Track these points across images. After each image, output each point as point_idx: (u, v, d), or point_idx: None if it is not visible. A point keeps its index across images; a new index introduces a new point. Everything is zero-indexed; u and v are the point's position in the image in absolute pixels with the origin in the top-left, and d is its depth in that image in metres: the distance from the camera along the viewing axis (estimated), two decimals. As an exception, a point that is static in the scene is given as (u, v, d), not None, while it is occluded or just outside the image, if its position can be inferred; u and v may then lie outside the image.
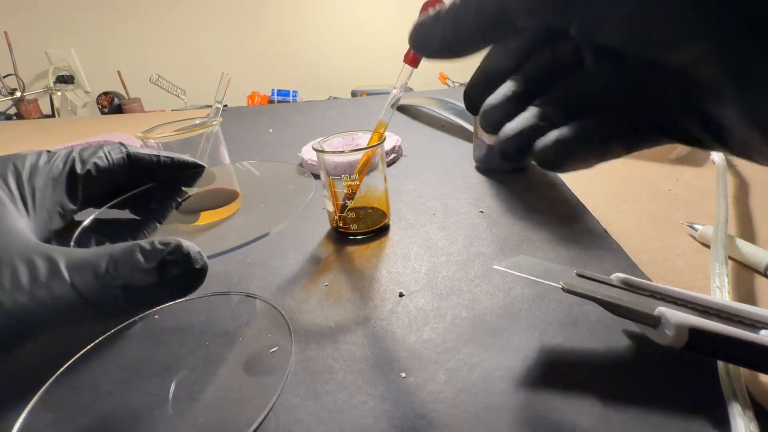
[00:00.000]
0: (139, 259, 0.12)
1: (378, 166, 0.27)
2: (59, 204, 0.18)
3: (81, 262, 0.12)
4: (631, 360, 0.17)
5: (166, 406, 0.16)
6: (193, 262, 0.13)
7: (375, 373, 0.17)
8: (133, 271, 0.12)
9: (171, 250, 0.13)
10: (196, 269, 0.13)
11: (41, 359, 0.19)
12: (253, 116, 0.70)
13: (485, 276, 0.23)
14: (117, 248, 0.13)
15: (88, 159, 0.19)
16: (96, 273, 0.12)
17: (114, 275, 0.12)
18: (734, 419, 0.14)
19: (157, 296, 0.13)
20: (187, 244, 0.13)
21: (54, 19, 1.35)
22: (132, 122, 0.75)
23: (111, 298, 0.12)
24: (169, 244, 0.13)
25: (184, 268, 0.13)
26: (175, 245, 0.13)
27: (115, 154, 0.20)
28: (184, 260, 0.13)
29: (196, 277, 0.13)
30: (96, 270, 0.12)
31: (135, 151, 0.21)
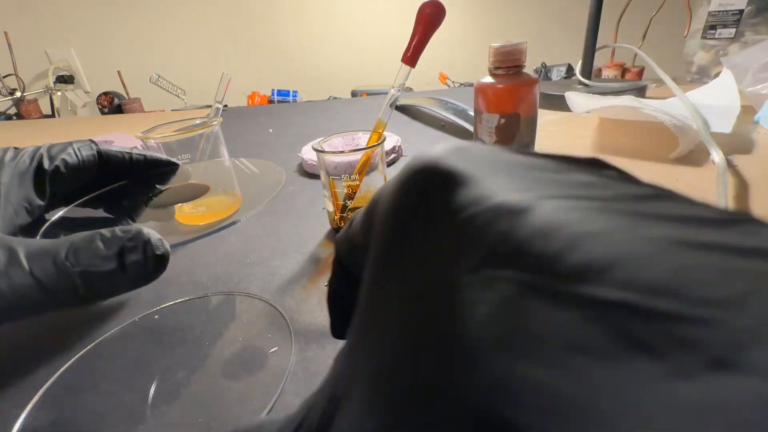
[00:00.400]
0: (99, 246, 0.12)
1: (378, 166, 0.27)
2: (25, 199, 0.18)
3: (40, 250, 0.12)
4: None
5: (166, 406, 0.16)
6: (154, 248, 0.13)
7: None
8: (92, 258, 0.12)
9: (131, 236, 0.13)
10: (157, 255, 0.13)
11: (41, 359, 0.19)
12: (253, 116, 0.70)
13: (484, 276, 0.23)
14: (77, 236, 0.13)
15: (57, 155, 0.19)
16: (55, 261, 0.12)
17: (73, 262, 0.12)
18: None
19: (118, 283, 0.13)
20: (147, 231, 0.13)
21: (54, 19, 1.36)
22: (132, 122, 0.75)
23: (70, 285, 0.12)
24: (129, 231, 0.13)
25: (144, 254, 0.13)
26: (135, 232, 0.13)
27: (85, 151, 0.20)
28: (144, 246, 0.13)
29: (157, 264, 0.13)
30: (55, 258, 0.12)
31: (106, 149, 0.21)
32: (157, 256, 0.13)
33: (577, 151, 0.42)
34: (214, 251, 0.28)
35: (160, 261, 0.13)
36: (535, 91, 0.33)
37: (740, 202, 0.30)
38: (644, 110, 0.39)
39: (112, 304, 0.23)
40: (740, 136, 0.41)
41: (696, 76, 0.67)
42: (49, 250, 0.12)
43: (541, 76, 1.14)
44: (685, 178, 0.34)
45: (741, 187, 0.32)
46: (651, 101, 0.44)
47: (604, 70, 0.91)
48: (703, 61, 0.65)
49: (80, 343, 0.20)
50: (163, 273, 0.13)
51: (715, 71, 0.62)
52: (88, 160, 0.20)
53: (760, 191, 0.31)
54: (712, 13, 0.61)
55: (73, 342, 0.20)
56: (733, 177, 0.33)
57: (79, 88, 1.42)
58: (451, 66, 1.42)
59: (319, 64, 1.51)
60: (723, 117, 0.40)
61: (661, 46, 0.79)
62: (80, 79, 1.43)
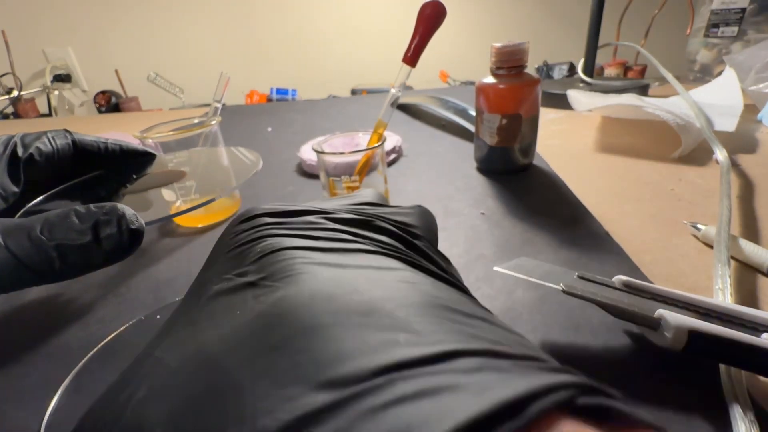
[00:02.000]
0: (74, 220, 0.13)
1: (378, 166, 0.27)
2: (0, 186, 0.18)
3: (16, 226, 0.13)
4: (632, 363, 0.17)
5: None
6: (129, 222, 0.13)
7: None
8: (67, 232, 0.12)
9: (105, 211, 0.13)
10: (132, 229, 0.13)
11: (43, 365, 0.19)
12: (252, 115, 0.70)
13: (486, 279, 0.23)
14: (52, 213, 0.13)
15: (31, 143, 0.19)
16: (30, 235, 0.12)
17: (48, 236, 0.12)
18: (735, 422, 0.14)
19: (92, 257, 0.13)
20: (122, 207, 0.13)
21: (51, 17, 1.35)
22: (130, 121, 0.75)
23: (46, 259, 0.12)
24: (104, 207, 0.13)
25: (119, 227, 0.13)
26: (110, 207, 0.13)
27: (60, 140, 0.20)
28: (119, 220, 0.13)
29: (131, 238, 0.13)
30: (30, 232, 0.12)
31: (80, 138, 0.21)
32: (131, 230, 0.13)
33: (580, 150, 0.42)
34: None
35: (134, 235, 0.13)
36: (537, 91, 0.33)
37: (744, 201, 0.29)
38: (647, 109, 0.39)
39: (111, 305, 0.23)
40: (743, 134, 0.41)
41: (698, 74, 0.66)
42: (24, 226, 0.13)
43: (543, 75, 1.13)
44: (688, 177, 0.34)
45: (745, 186, 0.32)
46: (653, 100, 0.44)
47: (607, 69, 0.90)
48: (706, 59, 0.65)
49: (80, 345, 0.20)
50: (138, 247, 0.14)
51: (717, 70, 0.62)
52: (62, 149, 0.20)
53: (764, 190, 0.31)
54: (714, 12, 0.60)
55: (72, 344, 0.20)
56: (736, 176, 0.33)
57: (76, 86, 1.41)
58: (451, 64, 1.41)
59: (318, 62, 1.50)
60: (726, 116, 0.40)
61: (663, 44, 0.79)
62: (77, 77, 1.43)
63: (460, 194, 0.33)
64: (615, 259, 0.24)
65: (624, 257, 0.24)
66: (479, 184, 0.35)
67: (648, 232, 0.26)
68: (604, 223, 0.27)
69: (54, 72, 1.34)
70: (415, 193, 0.34)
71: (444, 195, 0.33)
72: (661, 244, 0.25)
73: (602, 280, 0.18)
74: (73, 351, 0.20)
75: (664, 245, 0.25)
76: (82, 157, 0.21)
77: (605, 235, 0.26)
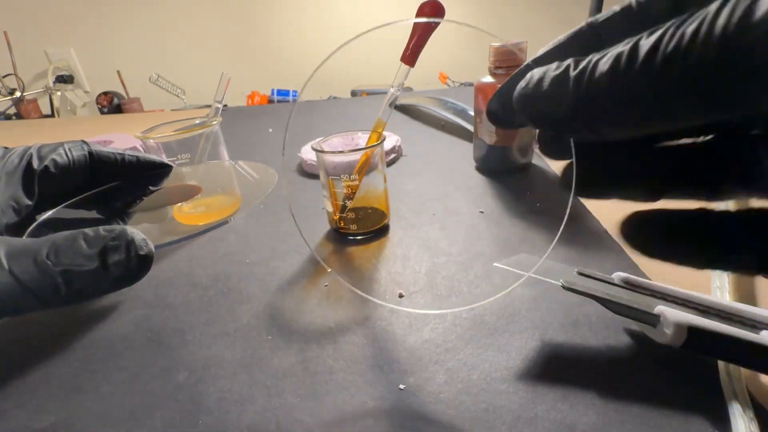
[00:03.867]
0: (82, 245, 0.12)
1: (377, 166, 0.27)
2: (13, 198, 0.18)
3: (21, 249, 0.12)
4: (631, 360, 0.17)
5: (165, 408, 0.16)
6: (137, 248, 0.13)
7: (375, 373, 0.17)
8: (74, 257, 0.12)
9: (114, 236, 0.13)
10: (141, 255, 0.13)
11: (41, 362, 0.19)
12: (253, 116, 0.70)
13: (485, 276, 0.23)
14: (60, 235, 0.13)
15: (47, 155, 0.19)
16: (36, 260, 0.12)
17: (55, 261, 0.12)
18: (734, 419, 0.14)
19: (100, 283, 0.12)
20: (131, 231, 0.13)
21: (53, 18, 1.35)
22: (131, 122, 0.75)
23: (51, 285, 0.12)
24: (113, 230, 0.13)
25: (127, 254, 0.13)
26: (119, 231, 0.13)
27: (76, 151, 0.20)
28: (128, 246, 0.13)
29: (140, 264, 0.13)
30: (36, 257, 0.12)
31: (97, 150, 0.21)
32: (140, 257, 0.13)
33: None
34: (214, 251, 0.28)
35: (143, 261, 0.13)
36: (536, 91, 0.33)
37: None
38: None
39: (111, 305, 0.23)
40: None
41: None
42: (30, 249, 0.12)
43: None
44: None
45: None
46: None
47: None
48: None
49: (80, 345, 0.20)
50: (146, 274, 0.13)
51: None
52: (78, 161, 0.20)
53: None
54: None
55: (73, 344, 0.20)
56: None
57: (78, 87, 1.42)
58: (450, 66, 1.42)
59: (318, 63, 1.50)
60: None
61: (661, 45, 0.78)
62: (80, 78, 1.43)
63: (459, 193, 0.33)
64: (614, 256, 0.24)
65: (623, 255, 0.24)
66: (478, 184, 0.35)
67: (647, 231, 0.26)
68: (603, 221, 0.27)
69: (56, 73, 1.35)
70: (414, 193, 0.34)
71: (443, 194, 0.33)
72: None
73: (602, 276, 0.18)
74: (74, 350, 0.20)
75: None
76: (99, 169, 0.21)
77: (604, 232, 0.26)
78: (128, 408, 0.16)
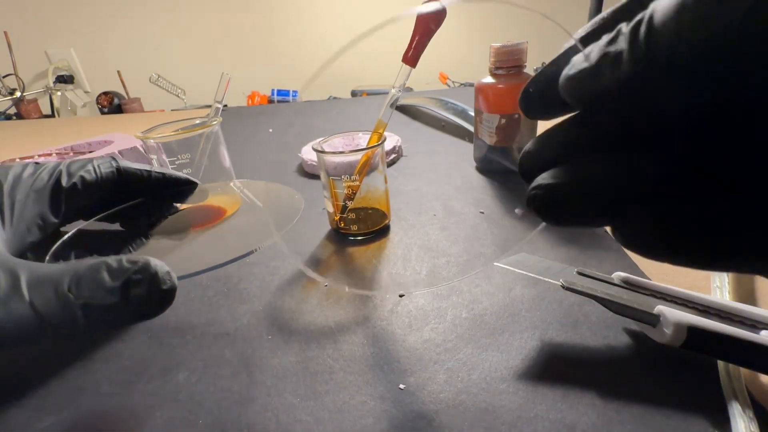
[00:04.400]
0: (104, 277, 0.12)
1: (378, 166, 0.27)
2: (39, 216, 0.18)
3: (43, 278, 0.12)
4: (631, 360, 0.17)
5: (166, 408, 0.16)
6: (160, 283, 0.12)
7: (375, 373, 0.17)
8: (96, 290, 0.12)
9: (137, 269, 0.12)
10: (163, 290, 0.12)
11: (41, 361, 0.19)
12: (253, 116, 0.70)
13: (485, 276, 0.23)
14: (82, 265, 0.12)
15: (75, 172, 0.19)
16: (57, 291, 0.12)
17: (76, 294, 0.12)
18: (734, 419, 0.14)
19: (120, 317, 0.12)
20: (155, 264, 0.12)
21: (54, 18, 1.35)
22: (132, 122, 0.75)
23: (71, 317, 0.12)
24: (136, 263, 0.12)
25: (149, 288, 0.12)
26: (142, 264, 0.12)
27: (105, 167, 0.20)
28: (150, 280, 0.12)
29: (162, 299, 0.13)
30: (58, 288, 0.12)
31: (126, 166, 0.21)
32: (162, 291, 0.12)
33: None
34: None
35: (166, 296, 0.13)
36: (536, 91, 0.33)
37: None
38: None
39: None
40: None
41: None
42: (51, 279, 0.12)
43: (542, 76, 1.13)
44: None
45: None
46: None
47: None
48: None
49: (80, 345, 0.20)
50: (168, 307, 0.13)
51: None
52: (106, 177, 0.20)
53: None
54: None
55: (72, 344, 0.20)
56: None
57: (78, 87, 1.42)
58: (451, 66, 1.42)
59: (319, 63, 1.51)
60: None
61: (661, 45, 0.78)
62: (80, 79, 1.43)
63: (459, 194, 0.33)
64: (614, 256, 0.24)
65: (622, 255, 0.24)
66: (478, 184, 0.35)
67: (647, 231, 0.26)
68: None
69: (56, 73, 1.35)
70: (415, 193, 0.34)
71: (443, 194, 0.33)
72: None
73: (601, 276, 0.18)
74: (74, 350, 0.20)
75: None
76: (125, 183, 0.21)
77: (604, 232, 0.26)
78: (128, 408, 0.16)
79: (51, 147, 0.45)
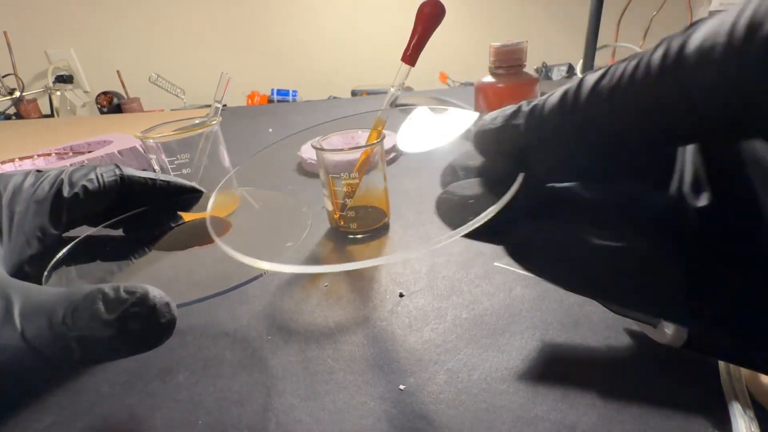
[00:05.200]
0: (100, 308, 0.11)
1: (378, 164, 0.27)
2: (39, 228, 0.17)
3: (37, 307, 0.12)
4: (632, 360, 0.17)
5: (166, 408, 0.16)
6: (159, 316, 0.12)
7: (375, 373, 0.17)
8: (91, 322, 0.11)
9: (135, 300, 0.11)
10: (161, 323, 0.12)
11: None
12: (253, 116, 0.70)
13: (486, 276, 0.23)
14: (78, 294, 0.12)
15: (78, 182, 0.19)
16: (51, 321, 0.11)
17: (71, 325, 0.11)
18: (735, 419, 0.14)
19: (116, 350, 0.12)
20: (153, 295, 0.12)
21: (53, 18, 1.35)
22: (131, 122, 0.75)
23: (65, 350, 0.11)
24: (134, 293, 0.12)
25: (147, 322, 0.12)
26: (140, 295, 0.12)
27: (108, 176, 0.19)
28: (149, 314, 0.12)
29: (160, 333, 0.12)
30: (52, 318, 0.11)
31: (129, 174, 0.20)
32: (160, 324, 0.12)
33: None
34: (212, 251, 0.28)
35: (164, 329, 0.12)
36: (536, 90, 0.33)
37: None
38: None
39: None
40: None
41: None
42: (46, 308, 0.11)
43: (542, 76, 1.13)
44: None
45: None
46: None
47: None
48: (704, 59, 0.65)
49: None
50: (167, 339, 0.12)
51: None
52: (109, 185, 0.19)
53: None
54: (712, 13, 0.61)
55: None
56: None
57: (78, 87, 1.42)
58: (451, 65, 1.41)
59: (319, 63, 1.51)
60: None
61: (661, 44, 0.78)
62: (79, 78, 1.43)
63: (459, 193, 0.33)
64: (614, 257, 0.24)
65: (623, 255, 0.24)
66: (479, 184, 0.35)
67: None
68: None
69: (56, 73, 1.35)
70: (414, 192, 0.34)
71: (443, 194, 0.33)
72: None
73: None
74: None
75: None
76: (129, 191, 0.20)
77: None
78: (128, 409, 0.16)
79: (50, 147, 0.45)
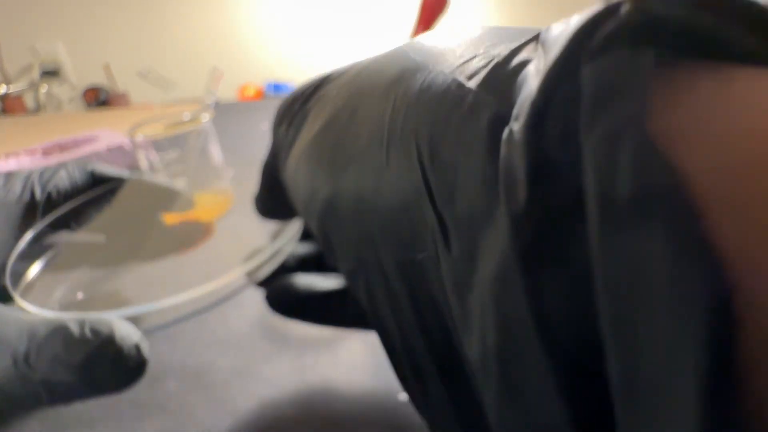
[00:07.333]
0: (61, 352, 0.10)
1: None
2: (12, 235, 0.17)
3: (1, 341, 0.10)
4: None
5: (156, 416, 0.16)
6: (126, 360, 0.10)
7: (373, 383, 0.17)
8: (53, 364, 0.10)
9: (99, 343, 0.10)
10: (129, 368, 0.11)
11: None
12: (246, 111, 0.69)
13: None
14: (41, 329, 0.10)
15: (48, 182, 0.18)
16: (15, 361, 0.10)
17: (34, 365, 0.10)
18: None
19: (83, 393, 0.11)
20: (121, 336, 0.10)
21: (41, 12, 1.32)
22: (119, 117, 0.73)
23: (32, 393, 0.10)
24: (99, 333, 0.10)
25: (113, 367, 0.10)
26: (104, 338, 0.10)
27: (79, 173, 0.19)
28: (115, 358, 0.10)
29: (128, 378, 0.11)
30: (16, 356, 0.10)
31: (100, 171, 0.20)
32: (129, 369, 0.11)
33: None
34: (208, 251, 0.27)
35: (132, 375, 0.11)
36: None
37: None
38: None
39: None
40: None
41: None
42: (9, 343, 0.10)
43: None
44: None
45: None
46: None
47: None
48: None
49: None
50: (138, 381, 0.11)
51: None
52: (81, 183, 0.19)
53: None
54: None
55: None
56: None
57: (65, 82, 1.38)
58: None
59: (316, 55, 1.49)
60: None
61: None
62: (66, 73, 1.40)
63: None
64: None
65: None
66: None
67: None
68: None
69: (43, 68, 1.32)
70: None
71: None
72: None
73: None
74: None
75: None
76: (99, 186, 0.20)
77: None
78: (116, 418, 0.16)
79: (36, 143, 0.44)
